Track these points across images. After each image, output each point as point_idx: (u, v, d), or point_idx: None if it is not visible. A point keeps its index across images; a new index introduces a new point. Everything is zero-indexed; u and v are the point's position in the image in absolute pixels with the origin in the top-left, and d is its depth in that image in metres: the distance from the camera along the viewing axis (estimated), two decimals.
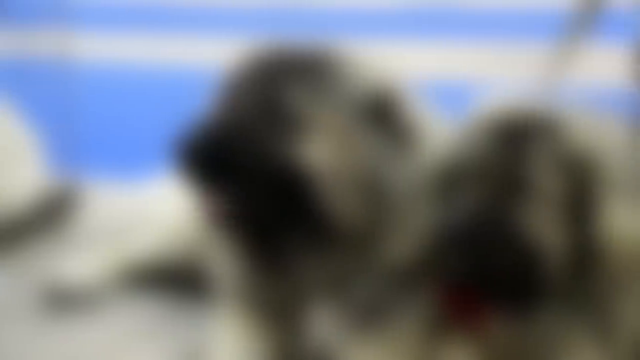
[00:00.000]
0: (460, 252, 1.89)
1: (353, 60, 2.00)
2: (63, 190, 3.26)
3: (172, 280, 2.60)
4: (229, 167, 1.89)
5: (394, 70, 2.04)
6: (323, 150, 1.91)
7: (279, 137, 1.89)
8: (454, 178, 1.98)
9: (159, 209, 2.66)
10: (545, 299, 1.94)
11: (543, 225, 1.90)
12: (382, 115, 1.97)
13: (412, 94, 2.06)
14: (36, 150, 3.23)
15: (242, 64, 1.97)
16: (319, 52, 1.99)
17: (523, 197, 1.91)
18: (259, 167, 1.88)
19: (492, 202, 1.91)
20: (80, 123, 3.96)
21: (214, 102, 1.98)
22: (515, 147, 1.93)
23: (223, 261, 2.11)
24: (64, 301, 2.58)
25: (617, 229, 1.92)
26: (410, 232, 2.01)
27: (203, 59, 2.05)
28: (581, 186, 1.93)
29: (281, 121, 1.90)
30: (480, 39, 6.83)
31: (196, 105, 2.03)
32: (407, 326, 2.05)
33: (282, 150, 1.89)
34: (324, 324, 2.05)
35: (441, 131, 2.06)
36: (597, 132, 1.99)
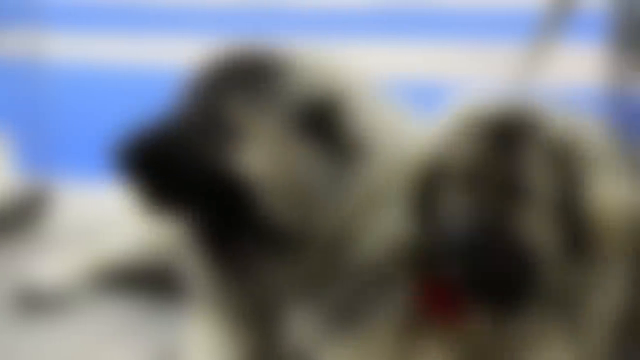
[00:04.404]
0: (461, 260, 1.88)
1: (298, 65, 1.99)
2: (34, 191, 3.24)
3: (144, 281, 2.60)
4: (164, 172, 1.91)
5: (345, 73, 2.04)
6: (259, 159, 1.92)
7: (216, 144, 1.92)
8: (437, 181, 1.98)
9: (131, 210, 2.65)
10: (533, 298, 1.95)
11: (538, 227, 1.91)
12: (323, 122, 1.97)
13: (371, 96, 2.05)
14: (7, 151, 3.21)
15: (195, 68, 1.99)
16: (263, 57, 1.99)
17: (519, 200, 1.91)
18: (197, 173, 1.91)
19: (488, 206, 1.91)
20: (51, 123, 3.94)
21: (169, 105, 2.00)
22: (506, 148, 1.92)
23: (189, 264, 2.11)
24: (36, 302, 2.56)
25: (603, 207, 1.93)
26: (378, 235, 2.01)
27: (173, 58, 2.04)
28: (568, 176, 1.94)
29: (219, 128, 1.93)
30: (453, 39, 6.85)
31: (164, 105, 2.03)
32: (382, 326, 2.05)
33: (220, 158, 1.91)
34: (299, 326, 2.05)
35: (412, 131, 2.06)
36: (573, 121, 2.00)
